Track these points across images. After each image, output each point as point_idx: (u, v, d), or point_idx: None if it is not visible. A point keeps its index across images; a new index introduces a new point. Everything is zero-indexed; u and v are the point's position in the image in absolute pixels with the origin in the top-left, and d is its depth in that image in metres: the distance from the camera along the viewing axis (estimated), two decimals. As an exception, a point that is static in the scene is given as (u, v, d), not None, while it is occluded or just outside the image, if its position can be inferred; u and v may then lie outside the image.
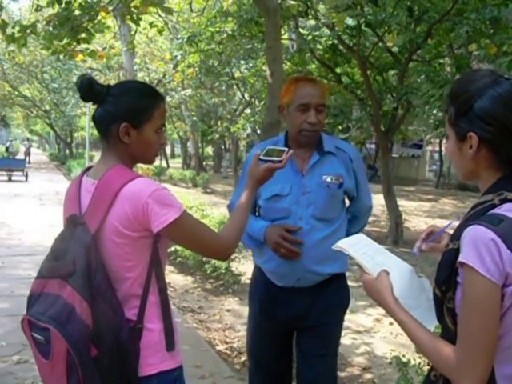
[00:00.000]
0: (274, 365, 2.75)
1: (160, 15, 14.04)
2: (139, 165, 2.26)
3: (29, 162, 33.27)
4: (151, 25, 7.78)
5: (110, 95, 1.85)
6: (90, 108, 22.21)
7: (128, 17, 5.84)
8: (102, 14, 5.77)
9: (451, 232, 1.49)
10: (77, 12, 5.45)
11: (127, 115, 1.82)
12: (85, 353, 1.64)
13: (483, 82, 1.39)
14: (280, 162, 2.01)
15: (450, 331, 1.38)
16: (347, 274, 2.79)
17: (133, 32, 10.67)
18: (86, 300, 1.66)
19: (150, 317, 1.82)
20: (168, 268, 7.58)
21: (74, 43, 5.85)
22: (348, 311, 2.82)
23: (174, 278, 7.34)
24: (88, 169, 1.96)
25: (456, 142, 1.44)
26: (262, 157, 2.05)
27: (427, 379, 1.53)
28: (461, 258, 1.31)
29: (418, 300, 1.59)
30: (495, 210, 1.35)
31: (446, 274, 1.37)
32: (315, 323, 2.62)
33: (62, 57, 6.51)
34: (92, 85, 1.84)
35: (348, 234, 2.51)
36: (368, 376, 4.36)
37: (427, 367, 3.34)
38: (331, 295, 2.63)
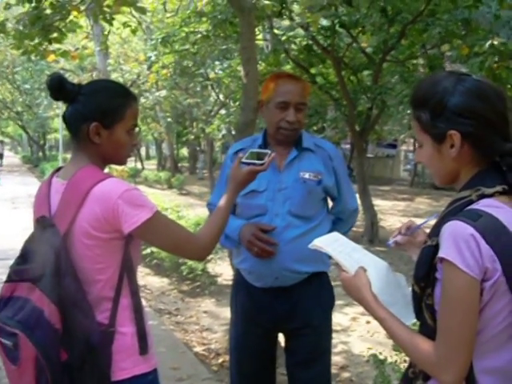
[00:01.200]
0: (257, 372, 2.69)
1: (133, 15, 13.94)
2: (114, 166, 2.23)
3: (1, 165, 32.73)
4: (124, 25, 7.71)
5: (80, 94, 1.81)
6: (62, 109, 21.97)
7: (101, 16, 5.77)
8: (74, 13, 5.69)
9: (427, 230, 1.50)
10: (48, 11, 5.37)
11: (98, 115, 1.79)
12: (54, 357, 1.61)
13: (448, 81, 1.40)
14: (262, 165, 2.01)
15: (429, 327, 1.38)
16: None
17: (106, 32, 10.58)
18: (54, 303, 1.62)
19: (122, 320, 1.78)
20: (144, 270, 7.52)
21: (46, 43, 5.76)
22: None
23: (150, 280, 7.28)
24: (58, 169, 1.93)
25: (434, 146, 1.43)
26: (243, 160, 2.04)
27: (405, 377, 1.53)
28: (440, 254, 1.31)
29: (395, 296, 1.59)
30: (473, 206, 1.35)
31: (425, 271, 1.37)
32: (302, 324, 2.56)
33: (33, 57, 6.42)
34: (62, 83, 1.81)
35: None
36: (346, 375, 4.37)
37: (404, 364, 3.35)
38: (315, 295, 2.58)
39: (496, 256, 1.27)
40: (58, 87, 1.81)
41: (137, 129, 1.91)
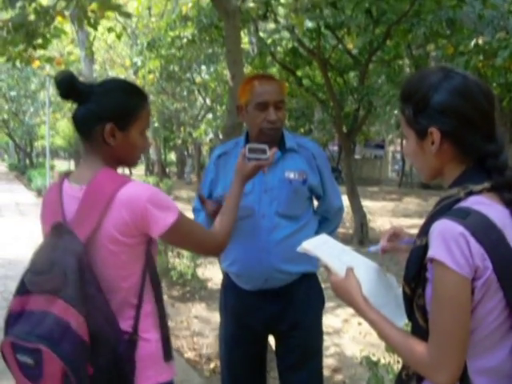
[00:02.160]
0: (248, 376, 2.67)
1: (118, 20, 13.90)
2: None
3: (-13, 173, 32.46)
4: (109, 30, 7.68)
5: (93, 94, 1.72)
6: (49, 116, 21.85)
7: (85, 21, 5.73)
8: (59, 18, 5.64)
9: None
10: (32, 17, 5.32)
11: (113, 115, 1.71)
12: (82, 372, 1.51)
13: (435, 78, 1.39)
14: (267, 159, 2.10)
15: (422, 328, 1.37)
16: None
17: (91, 38, 10.54)
18: (82, 314, 1.53)
19: (146, 327, 1.73)
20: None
21: (30, 49, 5.71)
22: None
23: (139, 286, 7.22)
24: (67, 174, 1.83)
25: (417, 141, 1.43)
26: (248, 155, 2.10)
27: (398, 378, 1.51)
28: (430, 254, 1.29)
29: (387, 298, 1.57)
30: (462, 204, 1.33)
31: (415, 271, 1.35)
32: (292, 326, 2.54)
33: (18, 64, 6.37)
34: (73, 82, 1.72)
35: None
36: (339, 377, 4.35)
37: (397, 365, 3.35)
38: (304, 296, 2.56)
39: (486, 254, 1.26)
40: (69, 86, 1.72)
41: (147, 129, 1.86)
